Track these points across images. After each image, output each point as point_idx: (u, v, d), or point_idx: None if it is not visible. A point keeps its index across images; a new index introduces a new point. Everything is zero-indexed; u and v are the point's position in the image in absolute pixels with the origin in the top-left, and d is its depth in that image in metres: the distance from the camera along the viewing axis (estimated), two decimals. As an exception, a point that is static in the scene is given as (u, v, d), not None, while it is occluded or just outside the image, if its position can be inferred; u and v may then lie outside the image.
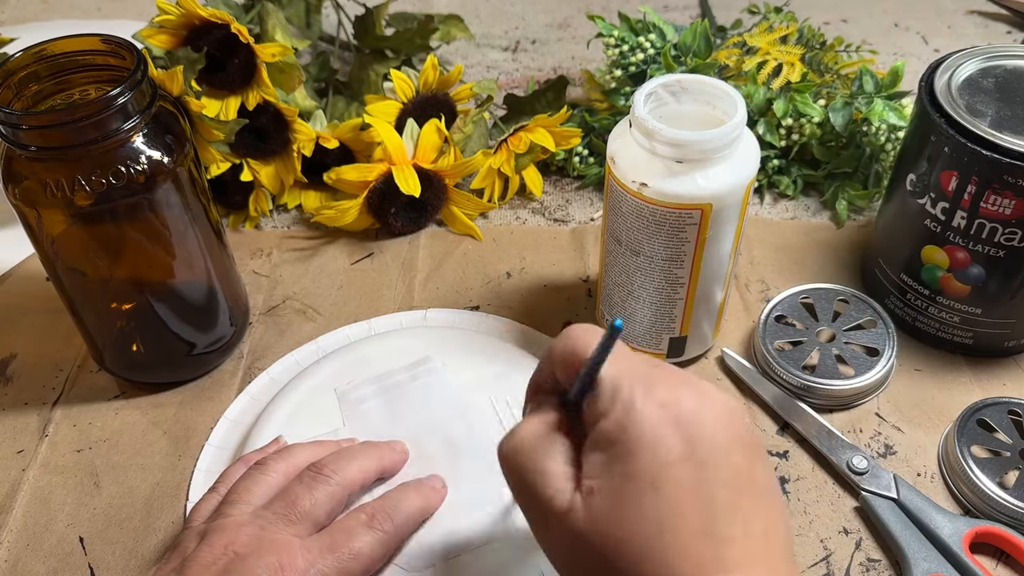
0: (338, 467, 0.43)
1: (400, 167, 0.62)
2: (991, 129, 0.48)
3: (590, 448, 0.34)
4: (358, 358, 0.54)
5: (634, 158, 0.47)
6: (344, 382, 0.53)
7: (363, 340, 0.57)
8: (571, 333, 0.36)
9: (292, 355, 0.57)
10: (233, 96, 0.62)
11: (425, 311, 0.60)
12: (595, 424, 0.34)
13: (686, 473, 0.32)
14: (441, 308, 0.60)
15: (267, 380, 0.56)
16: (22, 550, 0.48)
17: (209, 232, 0.53)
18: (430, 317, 0.60)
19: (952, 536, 0.46)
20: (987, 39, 0.88)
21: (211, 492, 0.44)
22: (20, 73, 0.46)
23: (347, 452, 0.45)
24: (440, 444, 0.49)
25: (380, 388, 0.52)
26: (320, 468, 0.43)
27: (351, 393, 0.52)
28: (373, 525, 0.41)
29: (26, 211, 0.47)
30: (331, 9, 0.80)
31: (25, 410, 0.55)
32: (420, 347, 0.55)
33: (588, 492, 0.33)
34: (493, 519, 0.46)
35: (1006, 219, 0.49)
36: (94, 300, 0.53)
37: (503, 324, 0.59)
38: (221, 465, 0.51)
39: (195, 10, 0.59)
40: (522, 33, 0.90)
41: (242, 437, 0.52)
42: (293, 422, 0.51)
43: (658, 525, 0.31)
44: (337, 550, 0.40)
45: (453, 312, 0.60)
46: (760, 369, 0.55)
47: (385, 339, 0.56)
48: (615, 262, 0.52)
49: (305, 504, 0.41)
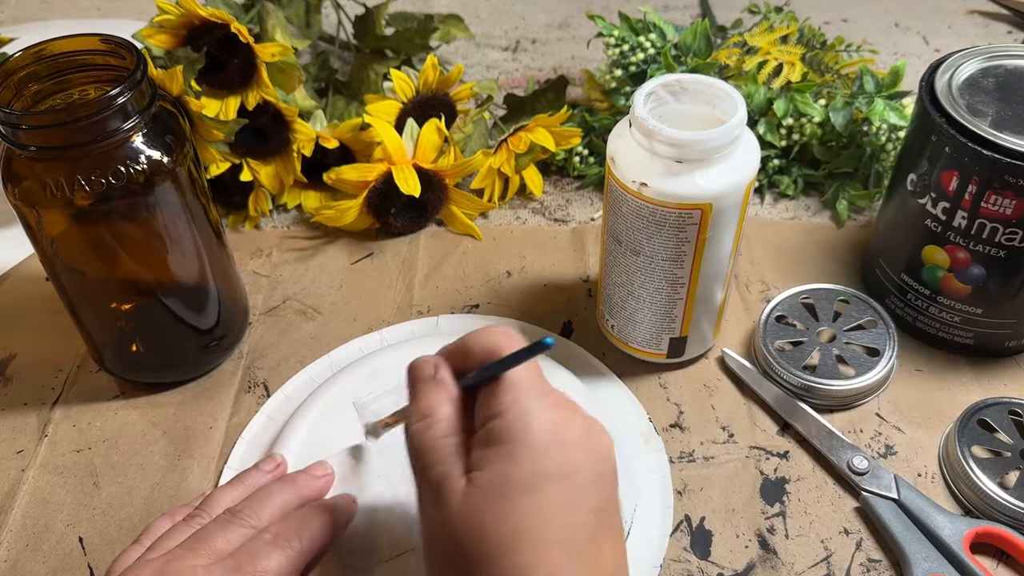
0: (255, 508, 0.43)
1: (400, 167, 0.62)
2: (992, 129, 0.48)
3: (480, 442, 0.35)
4: (373, 371, 0.54)
5: (634, 158, 0.47)
6: (361, 394, 0.52)
7: (377, 352, 0.56)
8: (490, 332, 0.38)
9: (306, 371, 0.57)
10: (233, 96, 0.62)
11: (437, 318, 0.60)
12: (489, 419, 0.35)
13: (562, 489, 0.33)
14: (452, 314, 0.60)
15: (282, 398, 0.55)
16: (22, 550, 0.48)
17: (209, 232, 0.53)
18: (442, 324, 0.60)
19: (952, 536, 0.46)
20: (987, 39, 0.88)
21: (134, 544, 0.43)
22: (20, 73, 0.46)
23: (264, 491, 0.45)
24: None
25: (399, 399, 0.52)
26: (236, 512, 0.43)
27: (370, 406, 0.52)
28: (278, 543, 0.41)
29: (26, 211, 0.47)
30: (331, 9, 0.80)
31: (25, 410, 0.55)
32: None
33: (469, 482, 0.34)
34: None
35: (1007, 219, 0.49)
36: (94, 300, 0.53)
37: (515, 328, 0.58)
38: None
39: (195, 10, 0.59)
40: (522, 33, 0.90)
41: (261, 456, 0.51)
42: (313, 439, 0.50)
43: (523, 527, 0.33)
44: (242, 569, 0.39)
45: (466, 317, 0.60)
46: (760, 369, 0.55)
47: (399, 350, 0.55)
48: (615, 262, 0.52)
49: (219, 543, 0.41)
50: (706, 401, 0.55)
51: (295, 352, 0.58)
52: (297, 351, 0.58)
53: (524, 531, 0.33)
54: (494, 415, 0.35)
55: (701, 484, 0.50)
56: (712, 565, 0.47)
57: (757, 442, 0.52)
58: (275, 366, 0.57)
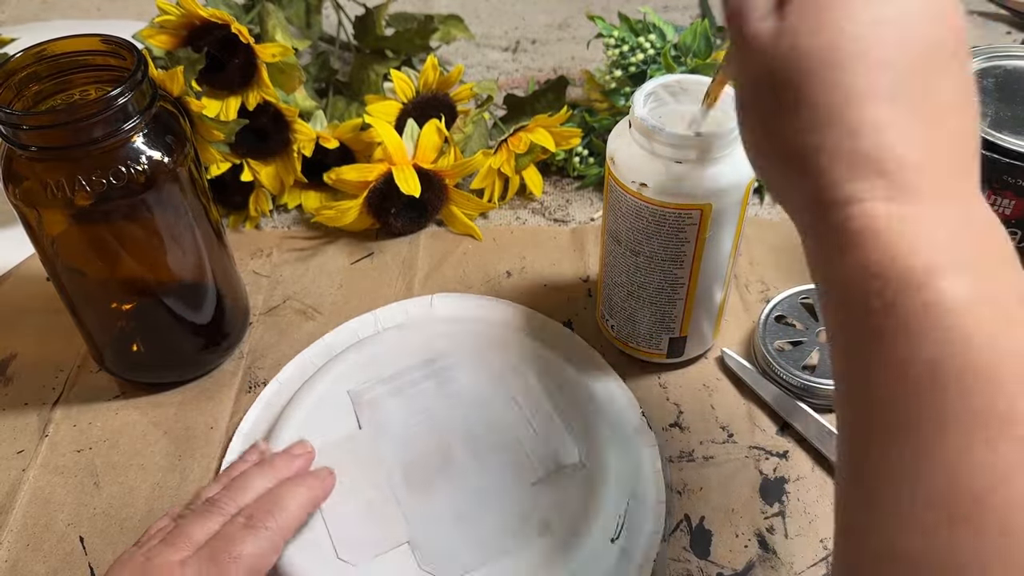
0: (233, 495, 0.43)
1: (400, 167, 0.62)
2: (991, 129, 0.48)
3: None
4: (368, 357, 0.54)
5: (634, 158, 0.47)
6: (357, 383, 0.52)
7: (372, 337, 0.56)
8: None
9: (300, 356, 0.57)
10: (233, 96, 0.62)
11: (431, 297, 0.60)
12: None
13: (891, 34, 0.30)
14: (447, 292, 0.60)
15: (277, 387, 0.55)
16: (22, 550, 0.48)
17: (209, 232, 0.53)
18: (436, 304, 0.60)
19: (952, 536, 0.46)
20: (987, 39, 0.88)
21: (135, 546, 0.43)
22: (20, 73, 0.46)
23: (243, 478, 0.45)
24: (461, 440, 0.49)
25: (395, 388, 0.52)
26: (215, 500, 0.43)
27: (365, 394, 0.52)
28: (253, 524, 0.41)
29: (26, 211, 0.47)
30: (331, 9, 0.80)
31: (25, 410, 0.55)
32: (431, 343, 0.55)
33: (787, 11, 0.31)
34: (514, 527, 0.46)
35: (1006, 219, 0.49)
36: (94, 300, 0.53)
37: (511, 309, 0.59)
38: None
39: (195, 10, 0.59)
40: (522, 33, 0.90)
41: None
42: (308, 428, 0.50)
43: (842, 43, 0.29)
44: (217, 557, 0.40)
45: (460, 297, 0.60)
46: (760, 369, 0.55)
47: (395, 335, 0.56)
48: (615, 262, 0.52)
49: (196, 533, 0.41)
50: (706, 401, 0.55)
51: (295, 352, 0.58)
52: (297, 351, 0.58)
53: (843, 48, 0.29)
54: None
55: (701, 484, 0.50)
56: (712, 565, 0.47)
57: (757, 442, 0.52)
58: (275, 366, 0.57)
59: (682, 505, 0.49)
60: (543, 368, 0.53)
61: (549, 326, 0.58)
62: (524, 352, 0.54)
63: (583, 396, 0.52)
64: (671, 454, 0.52)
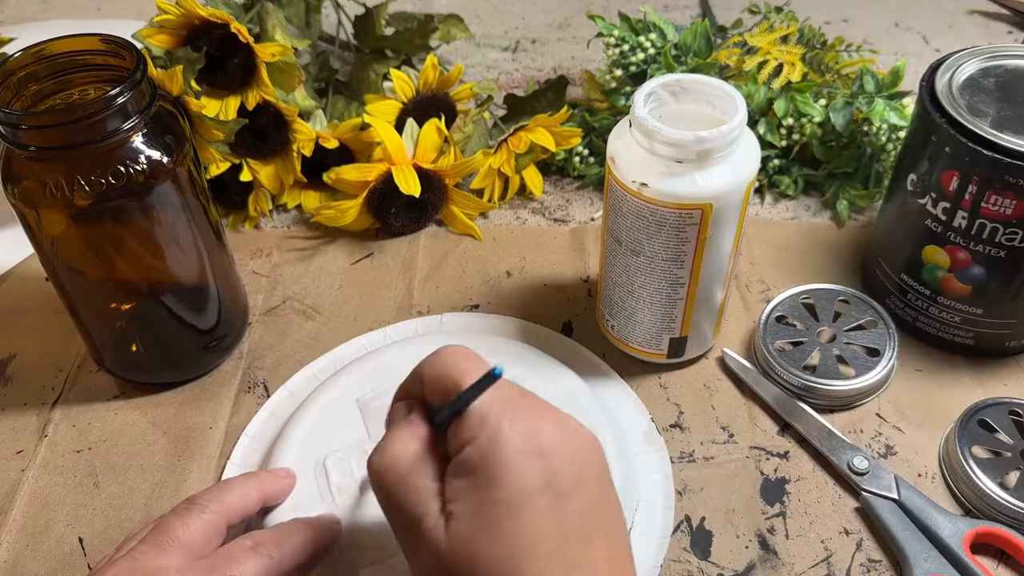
0: (212, 496, 0.43)
1: (400, 167, 0.62)
2: (992, 129, 0.48)
3: (454, 472, 0.35)
4: (376, 367, 0.54)
5: (634, 158, 0.47)
6: (365, 392, 0.52)
7: (380, 349, 0.56)
8: (444, 359, 0.37)
9: (309, 368, 0.57)
10: (233, 96, 0.62)
11: (441, 316, 0.60)
12: (460, 448, 0.35)
13: (544, 502, 0.33)
14: (456, 312, 0.60)
15: (286, 394, 0.55)
16: (21, 550, 0.48)
17: (209, 232, 0.53)
18: (446, 322, 0.60)
19: (953, 537, 0.46)
20: (988, 39, 0.88)
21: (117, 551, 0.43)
22: (20, 73, 0.46)
23: (225, 483, 0.45)
24: None
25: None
26: (194, 499, 0.43)
27: (373, 402, 0.51)
28: (259, 551, 0.41)
29: (26, 211, 0.47)
30: (331, 9, 0.80)
31: (24, 410, 0.55)
32: None
33: (450, 515, 0.34)
34: None
35: (1007, 219, 0.49)
36: (94, 300, 0.53)
37: (518, 326, 0.59)
38: None
39: (195, 10, 0.59)
40: (522, 33, 0.90)
41: (263, 454, 0.52)
42: (315, 435, 0.50)
43: (514, 549, 0.33)
44: (215, 571, 0.39)
45: (469, 316, 0.60)
46: (761, 369, 0.55)
47: (403, 347, 0.55)
48: (615, 262, 0.52)
49: (178, 532, 0.40)
50: (706, 401, 0.55)
51: (295, 352, 0.58)
52: (297, 351, 0.58)
53: (516, 552, 0.33)
54: (465, 442, 0.35)
55: (701, 484, 0.50)
56: (712, 565, 0.47)
57: (757, 442, 0.52)
58: (275, 366, 0.57)
59: (682, 505, 0.49)
60: (551, 376, 0.53)
61: (558, 339, 0.58)
62: (531, 361, 0.54)
63: (591, 402, 0.52)
64: (672, 454, 0.51)
